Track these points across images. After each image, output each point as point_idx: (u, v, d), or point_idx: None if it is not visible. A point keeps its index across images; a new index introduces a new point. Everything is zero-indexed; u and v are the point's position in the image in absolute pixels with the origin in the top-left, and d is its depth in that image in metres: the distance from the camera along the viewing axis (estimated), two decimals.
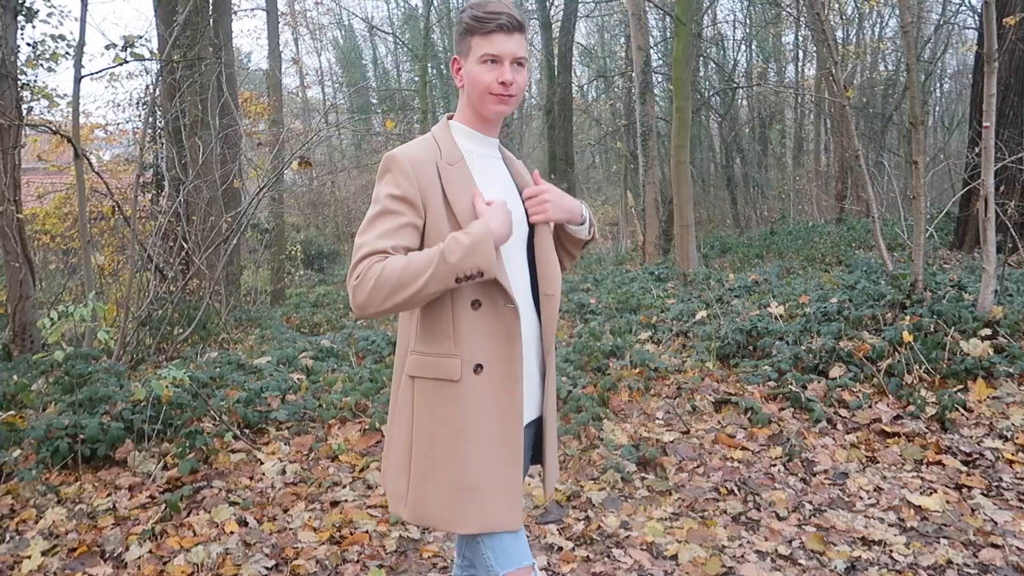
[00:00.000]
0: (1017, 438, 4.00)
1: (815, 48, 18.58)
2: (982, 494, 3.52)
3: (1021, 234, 8.63)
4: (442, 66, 25.03)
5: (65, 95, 7.83)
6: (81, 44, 6.30)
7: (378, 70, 30.07)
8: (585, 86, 25.36)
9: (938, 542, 3.13)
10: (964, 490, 3.58)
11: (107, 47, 6.22)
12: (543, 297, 1.87)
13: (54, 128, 6.67)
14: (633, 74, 13.91)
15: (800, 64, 23.50)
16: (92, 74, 6.51)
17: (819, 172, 22.42)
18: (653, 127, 13.42)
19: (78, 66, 6.19)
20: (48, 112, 8.88)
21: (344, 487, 3.75)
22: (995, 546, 3.07)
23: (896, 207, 9.96)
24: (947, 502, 3.45)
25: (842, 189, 17.90)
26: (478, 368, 1.69)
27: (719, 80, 22.35)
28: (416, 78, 24.03)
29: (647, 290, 8.49)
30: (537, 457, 1.98)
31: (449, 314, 1.70)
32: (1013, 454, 3.87)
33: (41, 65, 7.22)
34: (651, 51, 14.92)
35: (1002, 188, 8.49)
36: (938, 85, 23.18)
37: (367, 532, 3.31)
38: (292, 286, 15.41)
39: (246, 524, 3.41)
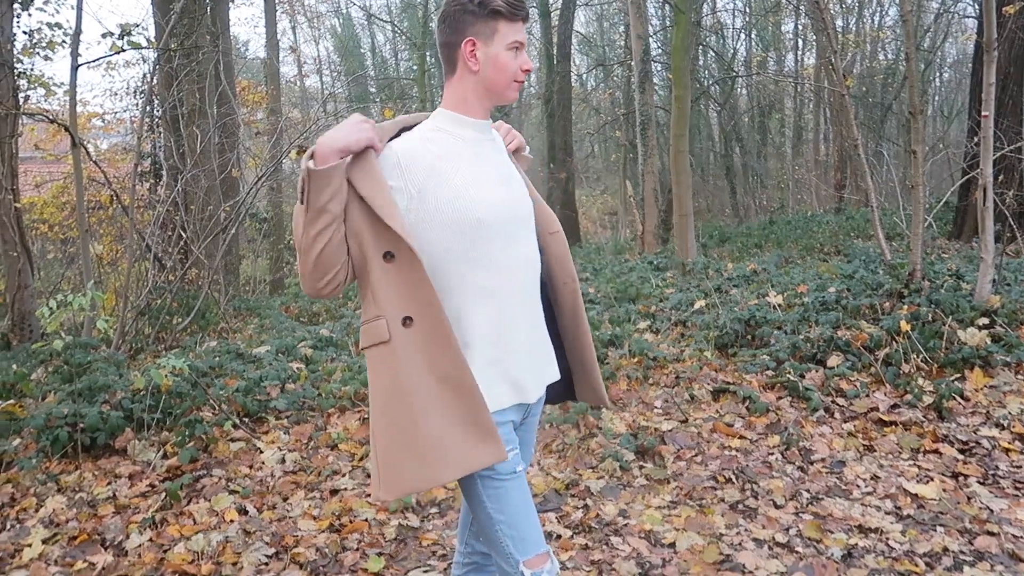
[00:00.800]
0: (1013, 426, 4.02)
1: (815, 37, 18.53)
2: (978, 482, 3.54)
3: (1019, 224, 8.63)
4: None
5: (62, 83, 7.80)
6: (78, 32, 6.28)
7: (376, 59, 29.95)
8: (584, 75, 25.27)
9: (934, 530, 3.15)
10: (960, 478, 3.60)
11: (104, 35, 6.19)
12: (550, 237, 1.91)
13: (51, 117, 6.65)
14: (632, 63, 13.87)
15: (800, 53, 23.46)
16: (89, 62, 6.51)
17: (818, 161, 22.40)
18: (652, 116, 13.40)
19: (75, 54, 6.17)
20: (45, 101, 8.86)
21: (344, 476, 3.77)
22: (991, 534, 3.09)
23: (895, 197, 9.95)
24: (943, 490, 3.47)
25: (841, 179, 17.89)
26: (407, 320, 1.66)
27: (718, 69, 22.28)
28: (414, 67, 23.95)
29: (646, 279, 8.49)
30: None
31: (368, 276, 1.68)
32: (1009, 442, 3.89)
33: (38, 53, 7.19)
34: (650, 40, 14.87)
35: (1001, 177, 8.48)
36: (938, 74, 23.16)
37: (367, 520, 3.32)
38: (291, 275, 15.41)
39: (246, 512, 3.42)
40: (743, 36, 23.91)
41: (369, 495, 3.57)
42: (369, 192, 1.64)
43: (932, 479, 3.58)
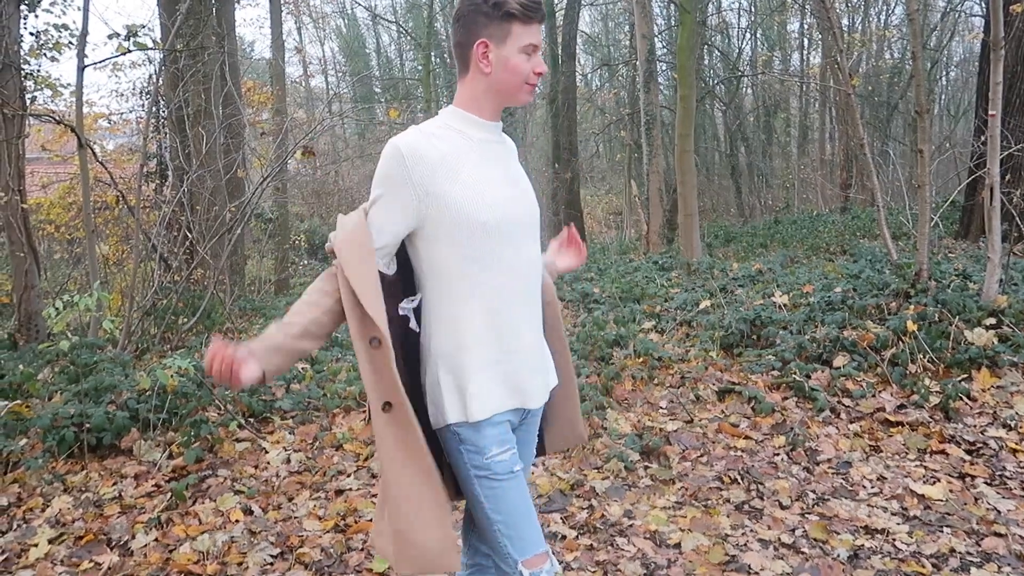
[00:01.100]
0: (1021, 427, 4.00)
1: (820, 36, 18.47)
2: (985, 483, 3.53)
3: None
4: (445, 55, 24.92)
5: (68, 84, 7.83)
6: (84, 33, 6.29)
7: (381, 59, 29.98)
8: (589, 75, 25.26)
9: (941, 531, 3.14)
10: (967, 479, 3.58)
11: (110, 36, 6.20)
12: (545, 307, 1.93)
13: (58, 118, 6.65)
14: (637, 63, 13.85)
15: (805, 52, 23.38)
16: (95, 63, 6.51)
17: (824, 161, 22.33)
18: (657, 116, 13.38)
19: (81, 55, 6.18)
20: (52, 102, 8.87)
21: (348, 476, 3.77)
22: (998, 535, 3.08)
23: (901, 196, 9.93)
24: (950, 491, 3.45)
25: (847, 178, 17.84)
26: (386, 406, 1.67)
27: (724, 68, 22.25)
28: (419, 67, 23.97)
29: (651, 279, 8.49)
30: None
31: (357, 355, 1.72)
32: (1017, 443, 3.87)
33: (44, 54, 7.20)
34: (655, 39, 14.86)
35: (1008, 176, 8.45)
36: (944, 73, 23.06)
37: (371, 521, 3.32)
38: (296, 276, 15.42)
39: (251, 512, 3.43)
40: (748, 35, 23.88)
41: (373, 495, 3.57)
42: (358, 284, 1.66)
43: (939, 480, 3.56)
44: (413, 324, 1.80)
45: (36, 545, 3.13)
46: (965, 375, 4.48)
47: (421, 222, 1.70)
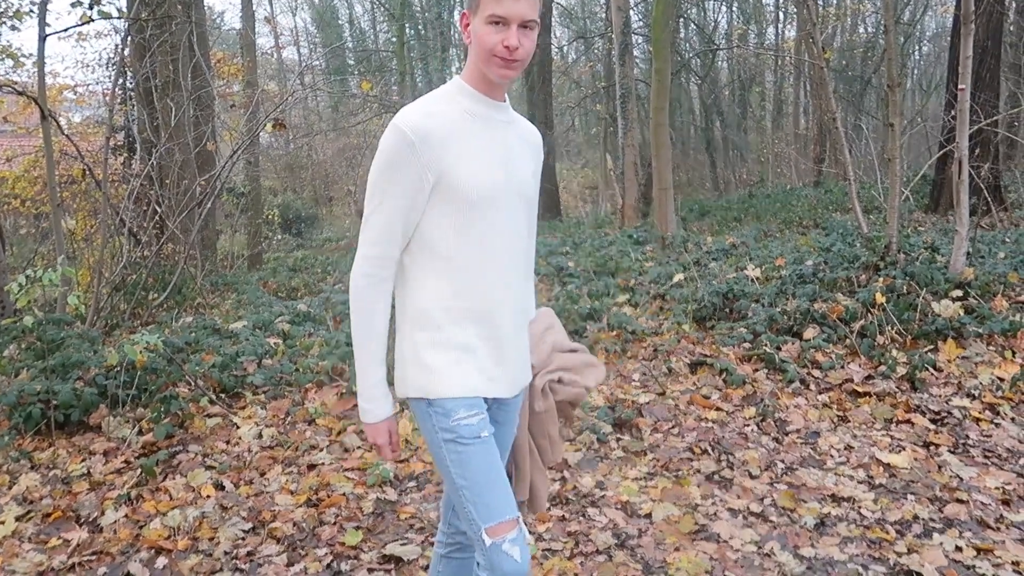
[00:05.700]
0: (984, 396, 4.08)
1: (795, 9, 18.46)
2: (949, 451, 3.60)
3: (994, 197, 8.72)
4: (420, 26, 24.61)
5: (30, 54, 7.62)
6: (45, 1, 6.11)
7: (354, 30, 29.52)
8: (565, 48, 25.09)
9: (905, 498, 3.21)
10: (932, 448, 3.65)
11: (73, 4, 6.03)
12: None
13: (19, 89, 6.48)
14: (613, 35, 13.77)
15: (780, 26, 23.40)
16: (58, 32, 6.35)
17: (798, 135, 22.47)
18: (632, 89, 13.32)
19: (42, 24, 6.01)
20: (13, 72, 8.66)
21: (321, 451, 3.76)
22: (960, 501, 3.15)
23: (873, 170, 10.01)
24: (915, 459, 3.52)
25: (820, 152, 17.97)
26: None
27: (699, 42, 22.20)
28: (393, 39, 23.65)
29: (625, 253, 8.50)
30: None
31: None
32: (980, 412, 3.95)
33: (4, 23, 7.00)
34: (631, 12, 14.77)
35: (977, 151, 8.54)
36: (917, 48, 23.21)
37: (344, 495, 3.32)
38: (270, 251, 15.27)
39: (223, 488, 3.41)
40: (724, 8, 23.83)
41: (346, 469, 3.56)
42: None
43: (904, 449, 3.63)
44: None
45: (3, 523, 3.09)
46: (931, 346, 4.55)
47: (427, 198, 1.68)
